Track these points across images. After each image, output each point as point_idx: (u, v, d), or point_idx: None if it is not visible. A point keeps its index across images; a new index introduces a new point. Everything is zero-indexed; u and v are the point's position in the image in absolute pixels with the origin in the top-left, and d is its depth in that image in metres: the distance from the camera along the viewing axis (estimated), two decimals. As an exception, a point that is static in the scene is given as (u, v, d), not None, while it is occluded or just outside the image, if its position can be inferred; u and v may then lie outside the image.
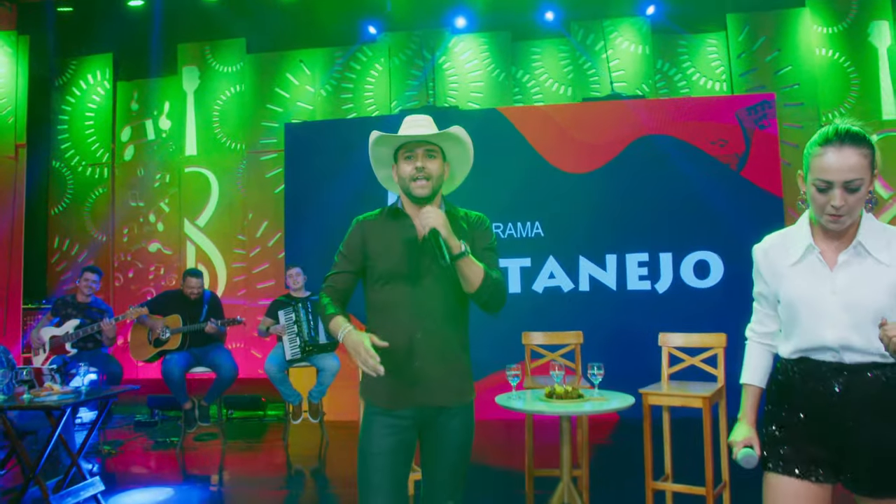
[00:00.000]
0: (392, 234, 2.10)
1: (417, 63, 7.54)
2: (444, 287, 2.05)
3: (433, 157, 2.10)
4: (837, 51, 7.10)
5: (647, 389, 3.45)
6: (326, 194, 6.61)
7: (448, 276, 2.02)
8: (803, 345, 1.76)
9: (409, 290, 2.04)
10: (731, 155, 6.32)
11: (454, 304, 2.09)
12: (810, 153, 1.75)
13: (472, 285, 2.00)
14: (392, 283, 2.06)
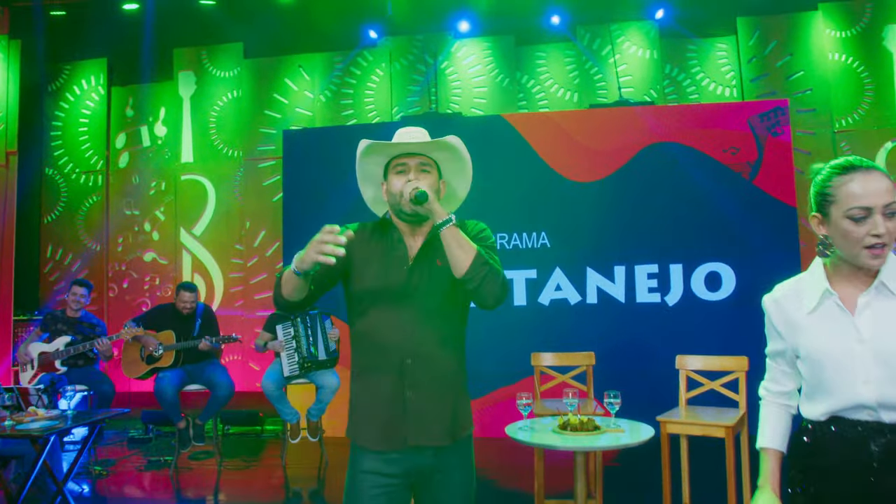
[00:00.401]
0: (378, 250, 1.93)
1: (419, 68, 7.35)
2: (438, 306, 1.87)
3: (427, 172, 1.92)
4: (851, 55, 6.92)
5: (665, 417, 3.26)
6: (326, 203, 6.41)
7: (442, 291, 1.86)
8: (834, 405, 1.55)
9: (397, 312, 1.85)
10: (743, 163, 6.13)
11: (449, 326, 1.90)
12: (830, 185, 1.55)
13: (461, 264, 1.75)
14: (377, 305, 1.87)
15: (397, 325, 1.84)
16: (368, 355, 1.88)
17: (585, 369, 3.94)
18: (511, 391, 6.06)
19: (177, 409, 5.06)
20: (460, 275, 1.76)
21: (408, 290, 1.85)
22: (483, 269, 1.76)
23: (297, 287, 1.77)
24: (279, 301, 1.85)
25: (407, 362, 1.83)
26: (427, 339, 1.84)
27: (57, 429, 3.39)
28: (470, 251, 1.75)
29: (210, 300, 7.25)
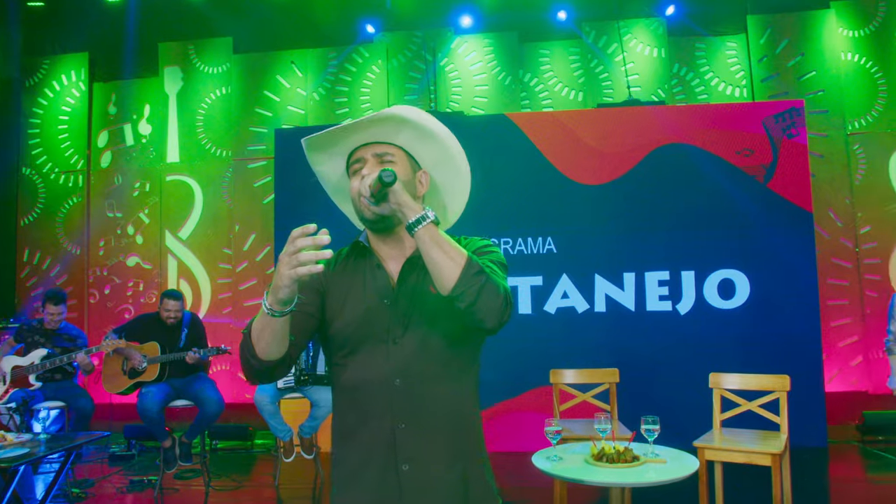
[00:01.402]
0: (352, 282, 1.52)
1: (418, 65, 7.05)
2: (435, 349, 1.45)
3: (391, 163, 1.48)
4: (864, 55, 6.70)
5: (702, 443, 2.97)
6: (320, 205, 6.04)
7: (439, 327, 1.44)
8: None
9: (383, 361, 1.44)
10: (757, 166, 5.87)
11: (452, 373, 1.47)
12: None
13: (446, 274, 1.31)
14: (357, 353, 1.46)
15: (383, 378, 1.43)
16: (350, 418, 1.47)
17: (609, 387, 3.65)
18: (515, 404, 5.77)
19: (162, 427, 4.70)
20: (447, 289, 1.32)
21: (392, 330, 1.45)
22: (477, 281, 1.32)
23: (276, 335, 1.34)
24: (252, 368, 1.40)
25: (399, 427, 1.43)
26: (423, 395, 1.44)
27: (28, 458, 3.04)
28: (457, 256, 1.33)
29: (197, 307, 6.89)
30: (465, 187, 1.63)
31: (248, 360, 1.40)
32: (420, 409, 1.44)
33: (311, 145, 1.56)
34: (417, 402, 1.44)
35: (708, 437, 3.07)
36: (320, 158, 1.59)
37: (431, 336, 1.45)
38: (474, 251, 1.49)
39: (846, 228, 6.47)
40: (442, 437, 1.44)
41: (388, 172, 1.33)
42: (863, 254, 6.47)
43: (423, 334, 1.45)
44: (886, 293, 6.40)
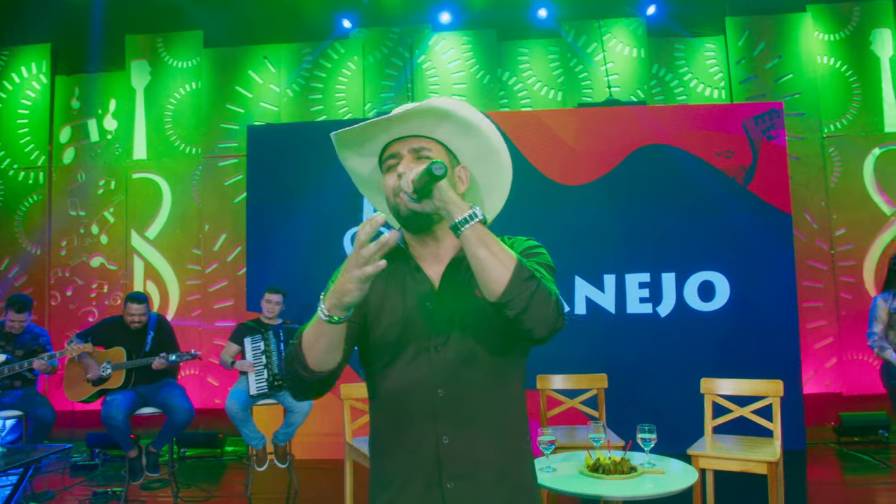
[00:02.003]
0: (392, 286, 1.42)
1: (395, 62, 6.90)
2: (483, 358, 1.34)
3: (427, 159, 1.37)
4: (839, 59, 6.74)
5: (696, 451, 2.88)
6: (294, 205, 5.91)
7: (486, 334, 1.34)
8: None
9: (425, 371, 1.34)
10: (737, 168, 5.85)
11: (500, 383, 1.38)
12: None
13: (495, 278, 1.21)
14: (399, 360, 1.36)
15: (426, 388, 1.34)
16: (390, 432, 1.38)
17: (597, 392, 3.56)
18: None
19: (127, 437, 4.48)
20: (495, 295, 1.22)
21: (435, 337, 1.35)
22: (527, 287, 1.21)
23: (332, 343, 1.26)
24: (301, 381, 1.30)
25: (444, 442, 1.33)
26: (469, 407, 1.34)
27: (-18, 473, 2.83)
28: (506, 260, 1.22)
29: (164, 309, 6.64)
30: (507, 183, 1.53)
31: (297, 372, 1.30)
32: (466, 422, 1.34)
33: (341, 141, 1.45)
34: (463, 414, 1.34)
35: (700, 444, 2.99)
36: (349, 154, 1.48)
37: (477, 343, 1.35)
38: (521, 252, 1.38)
39: (822, 231, 6.50)
40: (489, 453, 1.35)
41: (439, 165, 1.21)
42: (838, 256, 6.51)
43: (468, 341, 1.35)
44: (861, 295, 6.45)
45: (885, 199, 6.59)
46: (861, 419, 5.94)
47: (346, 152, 1.48)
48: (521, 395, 1.45)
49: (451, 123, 1.39)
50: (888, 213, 6.57)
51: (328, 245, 5.83)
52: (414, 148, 1.39)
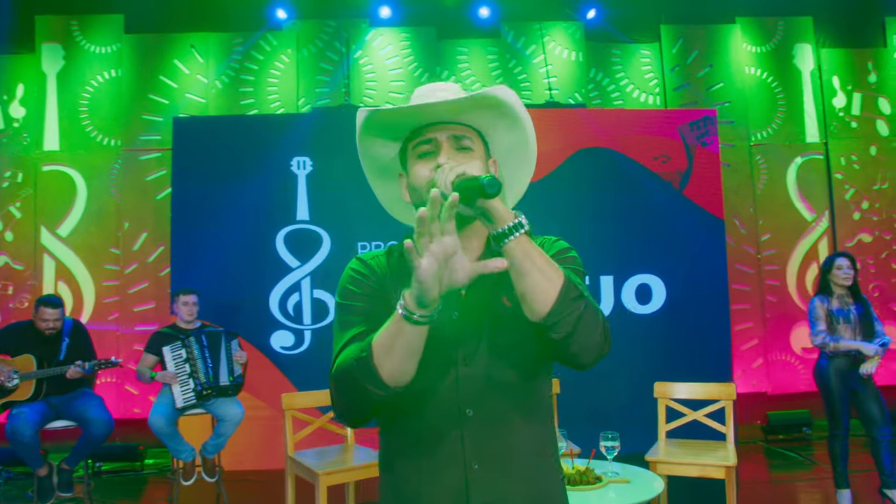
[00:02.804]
0: None
1: (330, 56, 6.66)
2: (513, 375, 1.21)
3: (468, 150, 1.26)
4: (766, 70, 6.99)
5: (654, 457, 2.83)
6: (222, 202, 5.60)
7: (518, 348, 1.21)
8: None
9: (453, 383, 1.20)
10: (673, 172, 5.95)
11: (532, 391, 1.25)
12: None
13: (541, 297, 1.09)
14: (422, 375, 1.18)
15: (453, 408, 1.20)
16: (410, 456, 1.23)
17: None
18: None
19: (36, 453, 4.08)
20: (539, 315, 1.09)
21: (462, 348, 1.21)
22: (575, 308, 1.09)
23: (413, 349, 1.10)
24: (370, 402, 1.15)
25: (473, 468, 1.20)
26: (501, 429, 1.21)
27: None
28: (553, 275, 1.09)
29: (78, 313, 6.16)
30: (527, 181, 1.43)
31: (366, 391, 1.13)
32: (498, 446, 1.20)
33: (372, 122, 1.30)
34: (495, 437, 1.20)
35: (655, 449, 2.96)
36: (373, 138, 1.34)
37: (509, 358, 1.22)
38: (553, 257, 1.23)
39: (749, 235, 6.71)
40: (523, 482, 1.22)
41: (493, 182, 1.06)
42: (764, 260, 6.73)
43: (499, 356, 1.22)
44: (784, 298, 6.69)
45: (807, 206, 6.87)
46: (787, 417, 6.15)
47: (370, 136, 1.34)
48: (551, 413, 1.34)
49: (500, 115, 1.29)
50: (809, 219, 6.85)
51: (260, 245, 5.55)
52: (455, 135, 1.26)
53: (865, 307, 4.03)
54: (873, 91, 7.04)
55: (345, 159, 5.61)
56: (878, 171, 6.91)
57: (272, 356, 5.41)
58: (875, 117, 7.01)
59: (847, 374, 3.99)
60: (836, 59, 7.04)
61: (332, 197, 5.61)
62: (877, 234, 6.83)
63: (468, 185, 1.09)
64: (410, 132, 1.30)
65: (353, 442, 3.60)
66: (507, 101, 1.26)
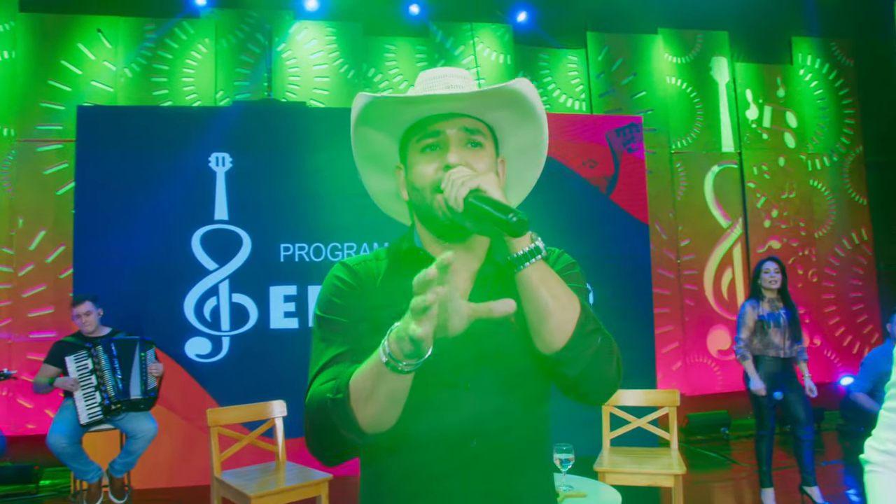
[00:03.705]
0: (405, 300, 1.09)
1: (252, 48, 6.34)
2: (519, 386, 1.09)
3: (478, 147, 1.13)
4: (685, 81, 7.19)
5: (602, 467, 2.77)
6: (131, 199, 5.18)
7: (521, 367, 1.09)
8: None
9: (455, 410, 1.06)
10: (600, 177, 6.01)
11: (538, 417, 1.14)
12: None
13: (556, 329, 0.99)
14: (419, 399, 1.03)
15: (455, 438, 1.06)
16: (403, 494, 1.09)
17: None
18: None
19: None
20: (553, 349, 1.00)
21: (464, 370, 1.08)
22: (591, 342, 1.01)
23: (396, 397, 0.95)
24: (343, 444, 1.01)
25: None
26: (509, 462, 1.08)
27: None
28: (569, 304, 1.00)
29: (-38, 319, 5.56)
30: (535, 180, 1.31)
31: (339, 433, 0.98)
32: (507, 483, 1.06)
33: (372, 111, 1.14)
34: (503, 471, 1.06)
35: (601, 458, 2.90)
36: (370, 127, 1.18)
37: (515, 383, 1.09)
38: (559, 273, 1.12)
39: (670, 241, 6.88)
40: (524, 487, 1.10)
41: (521, 219, 0.95)
42: (683, 265, 6.92)
43: (505, 380, 1.08)
44: (702, 302, 6.90)
45: (722, 213, 7.11)
46: (706, 418, 6.32)
47: (367, 125, 1.17)
48: (550, 440, 1.23)
49: (517, 111, 1.17)
50: (724, 225, 7.10)
51: (174, 245, 5.17)
52: (467, 128, 1.12)
53: (794, 312, 4.16)
54: (782, 105, 7.38)
55: (267, 156, 5.38)
56: (787, 181, 7.25)
57: (187, 365, 5.05)
58: (783, 130, 7.36)
59: (776, 376, 4.10)
60: (750, 73, 7.34)
61: (253, 196, 5.31)
62: (785, 241, 7.16)
63: (484, 212, 0.98)
64: (414, 126, 1.15)
65: (285, 459, 3.37)
66: (529, 97, 1.14)
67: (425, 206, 1.12)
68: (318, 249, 5.39)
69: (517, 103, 1.15)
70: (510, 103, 1.15)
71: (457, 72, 1.18)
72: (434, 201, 1.09)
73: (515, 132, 1.20)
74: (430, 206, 1.10)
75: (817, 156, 7.42)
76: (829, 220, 7.36)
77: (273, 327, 5.20)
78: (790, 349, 4.14)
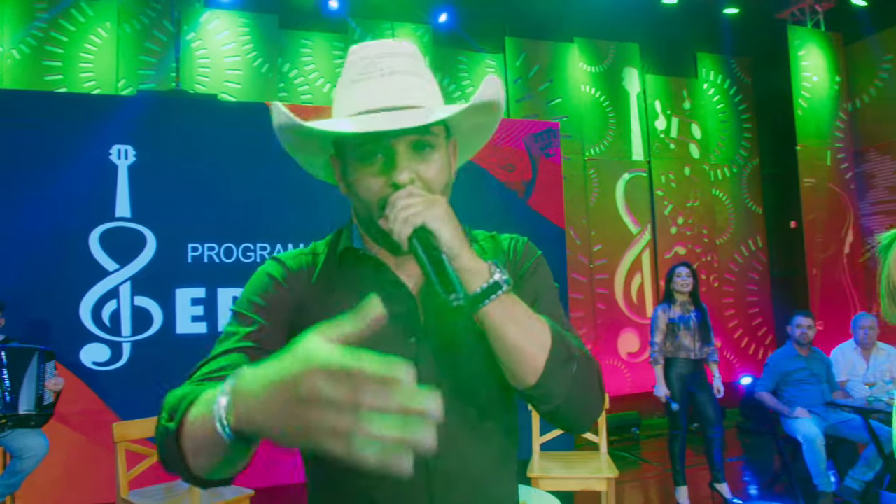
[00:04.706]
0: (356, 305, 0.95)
1: (158, 36, 5.97)
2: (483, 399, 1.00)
3: (430, 149, 0.99)
4: (599, 90, 7.38)
5: (535, 473, 2.74)
6: (22, 193, 4.73)
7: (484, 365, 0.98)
8: None
9: None
10: (518, 182, 6.04)
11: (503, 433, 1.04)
12: None
13: (524, 366, 0.89)
14: None
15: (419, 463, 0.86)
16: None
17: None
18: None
19: None
20: (526, 385, 0.91)
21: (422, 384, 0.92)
22: (567, 371, 0.91)
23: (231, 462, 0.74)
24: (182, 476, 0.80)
25: None
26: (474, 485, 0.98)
27: None
28: (540, 335, 0.90)
29: None
30: (483, 144, 1.21)
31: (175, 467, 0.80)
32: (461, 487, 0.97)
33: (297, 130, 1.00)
34: (467, 496, 0.96)
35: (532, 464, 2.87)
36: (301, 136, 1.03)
37: (481, 391, 0.99)
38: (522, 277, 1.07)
39: (583, 246, 7.02)
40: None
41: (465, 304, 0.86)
42: (595, 270, 7.08)
43: (466, 388, 0.98)
44: (612, 306, 7.09)
45: (632, 219, 7.34)
46: (618, 419, 6.47)
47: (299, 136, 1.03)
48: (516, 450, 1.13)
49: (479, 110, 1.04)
50: (634, 231, 7.33)
51: (69, 244, 4.75)
52: (414, 143, 0.99)
53: (704, 315, 4.31)
54: (688, 117, 7.71)
55: (175, 150, 5.05)
56: (692, 189, 7.57)
57: (82, 373, 4.65)
58: (689, 141, 7.69)
59: (687, 378, 4.23)
60: (658, 85, 7.63)
61: (159, 192, 4.97)
62: (689, 248, 7.47)
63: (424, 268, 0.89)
64: None
65: (200, 475, 3.12)
66: (500, 102, 1.06)
67: (370, 217, 1.00)
68: (229, 250, 5.12)
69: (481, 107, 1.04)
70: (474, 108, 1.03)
71: (397, 48, 1.03)
72: (382, 217, 0.96)
73: (469, 119, 1.08)
74: (377, 220, 0.98)
75: (719, 166, 7.79)
76: (729, 228, 7.75)
77: (179, 332, 4.89)
78: (700, 351, 4.29)
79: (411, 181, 0.96)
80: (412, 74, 1.03)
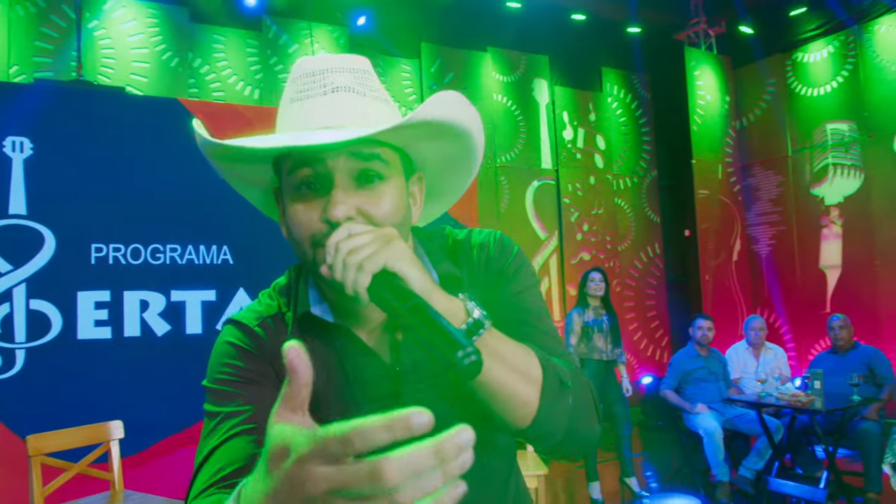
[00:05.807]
0: (322, 372, 0.86)
1: (56, 21, 5.61)
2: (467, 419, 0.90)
3: (377, 181, 0.86)
4: (510, 99, 7.59)
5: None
6: None
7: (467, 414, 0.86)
8: None
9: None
10: (435, 187, 6.12)
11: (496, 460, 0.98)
12: None
13: (515, 407, 0.82)
14: None
15: None
16: None
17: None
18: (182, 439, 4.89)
19: None
20: (520, 427, 0.85)
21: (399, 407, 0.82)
22: (563, 404, 0.85)
23: None
24: None
25: None
26: None
27: None
28: (531, 370, 0.83)
29: None
30: (466, 187, 1.07)
31: None
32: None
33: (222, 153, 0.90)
34: None
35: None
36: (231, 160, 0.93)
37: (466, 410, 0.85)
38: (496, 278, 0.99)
39: (495, 251, 7.18)
40: None
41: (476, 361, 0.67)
42: (506, 274, 7.26)
43: (454, 409, 0.89)
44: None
45: (540, 226, 7.59)
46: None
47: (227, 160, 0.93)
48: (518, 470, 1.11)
49: (435, 129, 0.89)
50: (542, 237, 7.58)
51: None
52: (358, 154, 0.84)
53: (614, 318, 4.54)
54: (593, 128, 8.07)
55: (78, 144, 4.77)
56: (596, 198, 7.92)
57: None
58: (594, 151, 8.04)
59: (598, 378, 4.43)
60: (566, 96, 7.94)
61: (59, 188, 4.65)
62: (594, 254, 7.82)
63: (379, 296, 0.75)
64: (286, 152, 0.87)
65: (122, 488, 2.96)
66: (454, 121, 0.89)
67: (307, 261, 0.87)
68: (136, 251, 4.87)
69: (435, 127, 0.88)
70: (425, 128, 0.87)
71: (344, 62, 0.92)
72: (317, 256, 0.83)
73: (430, 146, 0.93)
74: (314, 263, 0.84)
75: (621, 177, 8.20)
76: (630, 235, 8.16)
77: (81, 338, 4.60)
78: (611, 352, 4.52)
79: (348, 219, 0.82)
80: (358, 93, 0.90)
